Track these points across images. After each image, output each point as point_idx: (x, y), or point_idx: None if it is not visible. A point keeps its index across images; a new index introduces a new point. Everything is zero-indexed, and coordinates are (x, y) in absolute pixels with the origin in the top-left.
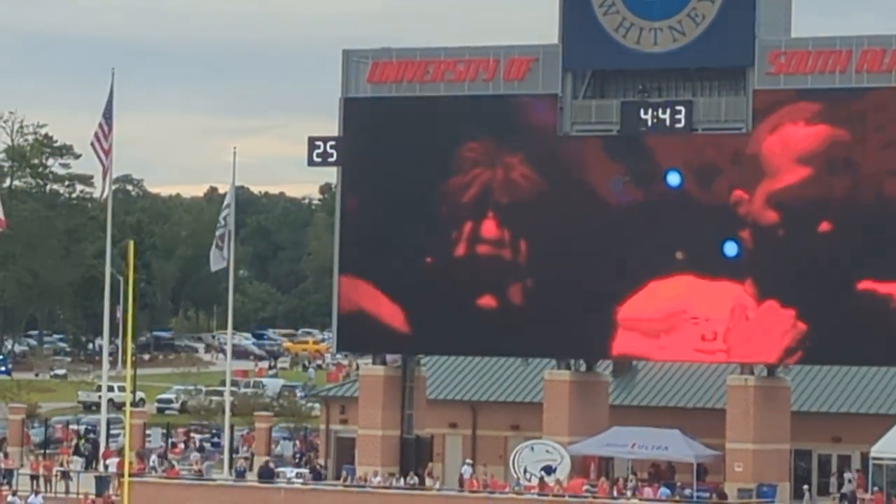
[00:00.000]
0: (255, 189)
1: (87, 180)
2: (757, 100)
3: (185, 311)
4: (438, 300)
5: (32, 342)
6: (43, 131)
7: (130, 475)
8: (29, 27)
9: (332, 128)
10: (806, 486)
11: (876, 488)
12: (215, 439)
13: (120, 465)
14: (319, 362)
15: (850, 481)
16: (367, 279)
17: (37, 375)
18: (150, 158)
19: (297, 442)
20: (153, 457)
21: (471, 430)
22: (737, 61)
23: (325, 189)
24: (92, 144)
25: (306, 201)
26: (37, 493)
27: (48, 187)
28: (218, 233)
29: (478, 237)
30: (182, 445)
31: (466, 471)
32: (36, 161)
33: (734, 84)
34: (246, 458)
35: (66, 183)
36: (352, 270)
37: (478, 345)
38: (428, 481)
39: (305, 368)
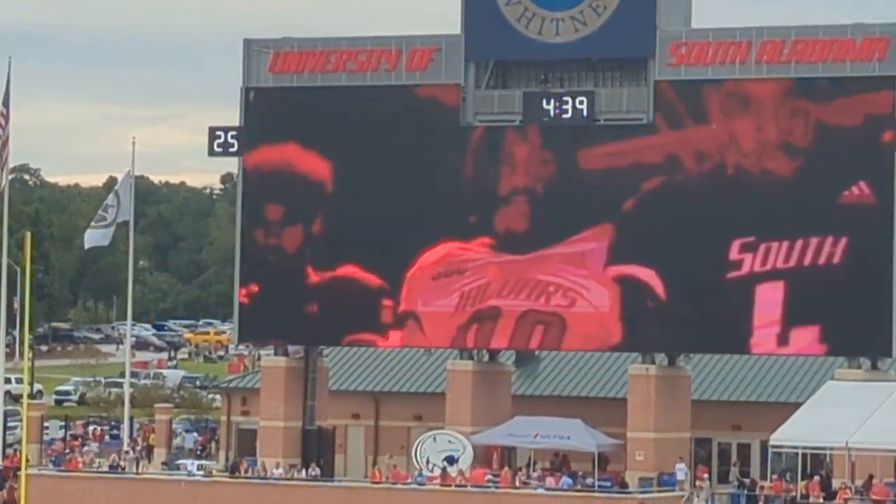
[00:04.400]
0: (156, 179)
1: None
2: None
3: (84, 303)
4: (341, 290)
5: None
6: None
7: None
8: None
9: (233, 117)
10: (706, 474)
11: (775, 476)
12: (115, 431)
13: (15, 460)
14: (221, 353)
15: (680, 470)
16: (268, 269)
17: None
18: (48, 148)
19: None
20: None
21: (373, 421)
22: (638, 52)
23: (227, 179)
24: None
25: (207, 191)
26: None
27: None
28: (98, 215)
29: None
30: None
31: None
32: None
33: (636, 75)
34: (127, 452)
35: None
36: (253, 260)
37: (379, 336)
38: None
39: (207, 359)
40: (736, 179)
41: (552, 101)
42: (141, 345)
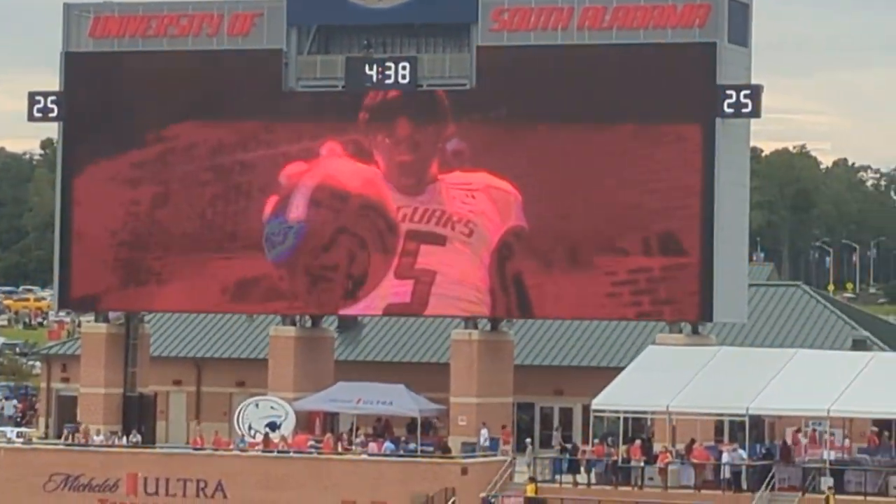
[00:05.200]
0: None
1: None
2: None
3: None
4: (160, 256)
5: None
6: None
7: None
8: None
9: (53, 82)
10: (528, 439)
11: (597, 440)
12: None
13: None
14: (41, 319)
15: (484, 437)
16: (89, 235)
17: None
18: None
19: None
20: None
21: (195, 387)
22: (461, 17)
23: (47, 144)
24: None
25: (27, 156)
26: None
27: None
28: None
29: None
30: None
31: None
32: None
33: (458, 40)
34: None
35: None
36: (74, 226)
37: (200, 301)
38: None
39: (27, 326)
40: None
41: (375, 67)
42: None
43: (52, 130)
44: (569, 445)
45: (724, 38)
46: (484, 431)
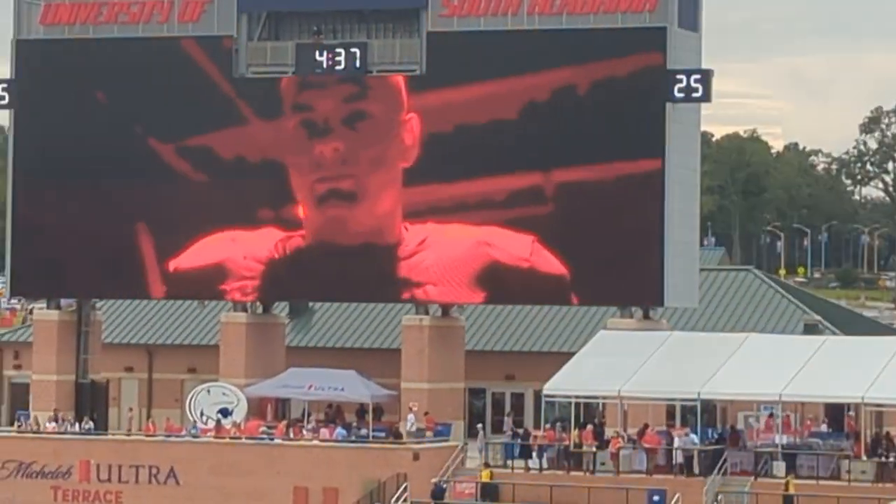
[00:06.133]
0: None
1: None
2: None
3: None
4: (113, 244)
5: None
6: None
7: None
8: None
9: (3, 70)
10: (480, 425)
11: (548, 425)
12: None
13: None
14: None
15: (410, 422)
16: (42, 223)
17: None
18: None
19: None
20: None
21: (147, 374)
22: (410, 3)
23: None
24: None
25: None
26: None
27: None
28: None
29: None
30: None
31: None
32: None
33: (408, 26)
34: None
35: None
36: (26, 214)
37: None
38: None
39: None
40: (509, 129)
41: (325, 53)
42: None
43: (2, 118)
44: (520, 431)
45: (674, 22)
46: (411, 417)
